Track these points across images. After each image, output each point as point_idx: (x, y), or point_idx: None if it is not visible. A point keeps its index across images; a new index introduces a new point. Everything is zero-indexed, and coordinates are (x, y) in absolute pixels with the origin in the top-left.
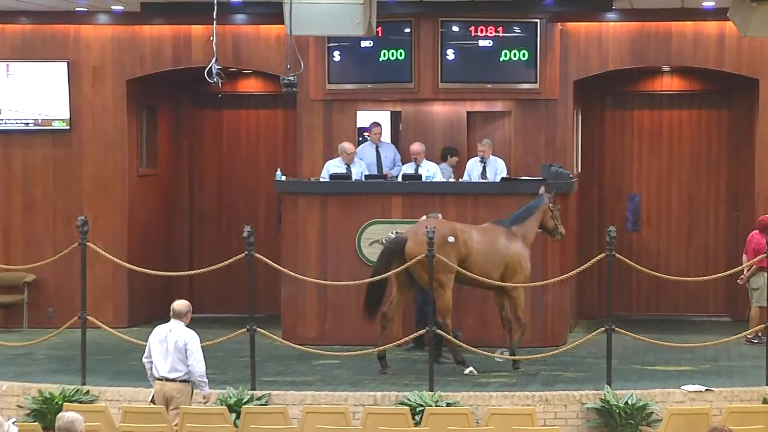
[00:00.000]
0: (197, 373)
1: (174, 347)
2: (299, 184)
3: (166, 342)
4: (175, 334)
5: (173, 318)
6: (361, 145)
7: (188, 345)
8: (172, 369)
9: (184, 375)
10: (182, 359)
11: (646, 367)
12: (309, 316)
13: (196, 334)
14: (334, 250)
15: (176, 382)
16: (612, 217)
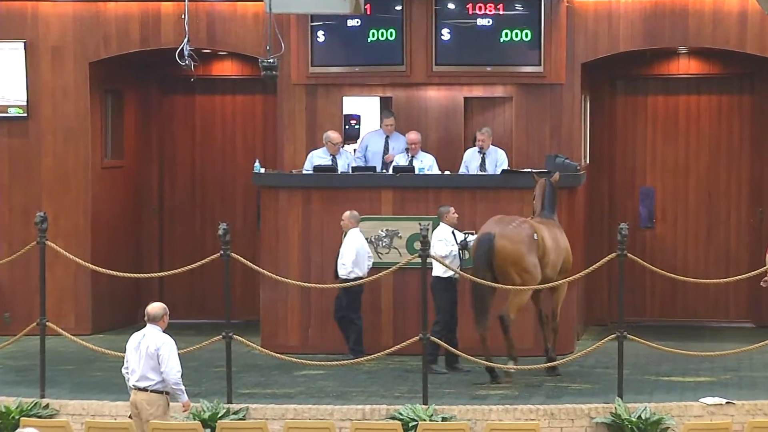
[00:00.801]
0: (171, 380)
1: (146, 353)
2: (280, 176)
3: (139, 348)
4: (148, 340)
5: (148, 323)
6: (368, 133)
7: (160, 350)
8: (143, 377)
9: (156, 384)
10: (155, 367)
11: (661, 378)
12: (291, 322)
13: (170, 339)
14: (318, 250)
15: (147, 392)
16: (623, 214)
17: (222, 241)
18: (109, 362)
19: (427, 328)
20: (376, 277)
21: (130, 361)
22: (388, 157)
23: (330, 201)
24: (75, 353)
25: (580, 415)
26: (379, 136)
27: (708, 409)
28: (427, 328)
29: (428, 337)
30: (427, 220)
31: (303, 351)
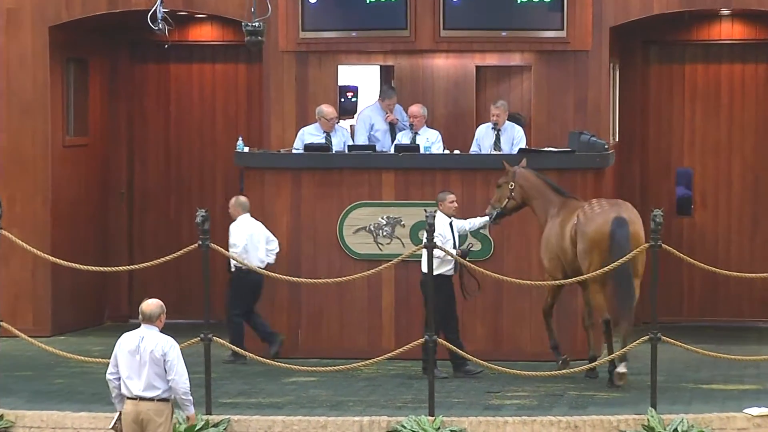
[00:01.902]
0: (181, 389)
1: (150, 359)
2: (266, 156)
3: (140, 353)
4: (150, 343)
5: (144, 323)
6: (368, 108)
7: (168, 355)
8: (149, 386)
9: (164, 392)
10: (160, 373)
11: (700, 386)
12: (278, 322)
13: (175, 342)
14: (309, 240)
15: (154, 401)
16: (657, 199)
17: (200, 229)
18: (72, 367)
19: (433, 328)
20: (375, 272)
21: (125, 367)
22: (389, 117)
23: (323, 184)
24: (33, 357)
25: (607, 427)
26: (383, 113)
27: (753, 421)
28: (432, 328)
29: (434, 339)
30: (433, 206)
31: (292, 355)
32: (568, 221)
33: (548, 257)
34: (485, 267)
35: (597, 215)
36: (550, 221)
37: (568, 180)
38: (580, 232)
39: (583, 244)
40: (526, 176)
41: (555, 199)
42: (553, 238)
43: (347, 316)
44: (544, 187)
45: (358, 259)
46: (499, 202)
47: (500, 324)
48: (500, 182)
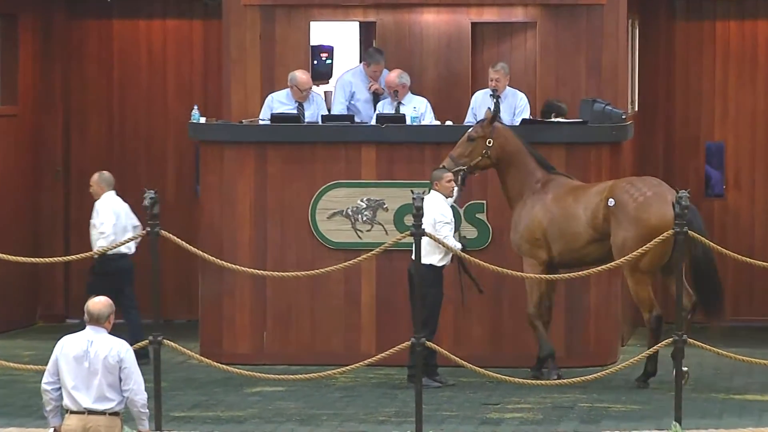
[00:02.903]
0: (139, 401)
1: (103, 366)
2: (225, 128)
3: (88, 358)
4: (103, 348)
5: (90, 324)
6: (348, 73)
7: (124, 362)
8: (101, 398)
9: (117, 405)
10: (114, 383)
11: (732, 396)
12: (240, 322)
13: (130, 346)
14: (276, 226)
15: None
16: (684, 178)
17: (148, 214)
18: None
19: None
20: (354, 263)
21: (70, 376)
22: (373, 86)
23: (293, 161)
24: None
25: None
26: (367, 80)
27: None
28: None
29: (422, 342)
30: (421, 187)
31: (256, 361)
32: (584, 202)
33: (529, 239)
34: (482, 258)
35: (654, 198)
36: (531, 197)
37: (579, 156)
38: (630, 217)
39: (638, 230)
40: (507, 136)
41: (538, 173)
42: (544, 219)
43: (320, 315)
44: (527, 155)
45: (333, 249)
46: (468, 158)
47: (500, 324)
48: (473, 134)
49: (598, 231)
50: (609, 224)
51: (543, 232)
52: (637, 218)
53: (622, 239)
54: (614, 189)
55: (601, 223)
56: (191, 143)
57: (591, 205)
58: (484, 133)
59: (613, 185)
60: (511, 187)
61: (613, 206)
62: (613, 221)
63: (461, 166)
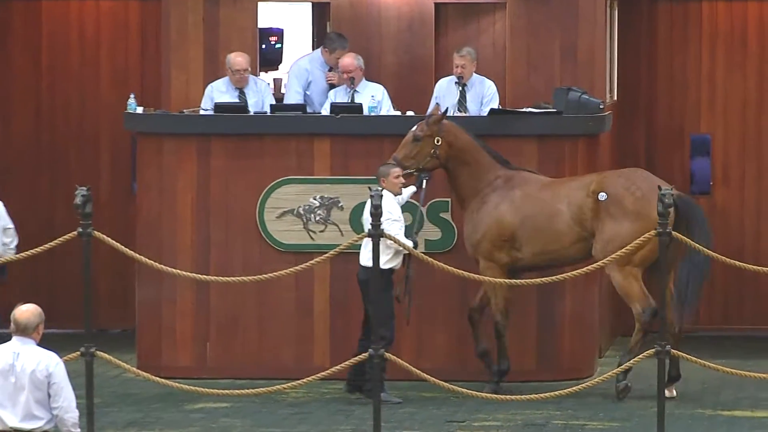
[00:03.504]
0: (70, 419)
1: (30, 381)
2: (165, 119)
3: (15, 373)
4: (30, 361)
5: (17, 335)
6: (303, 59)
7: (54, 377)
8: (28, 416)
9: (47, 423)
10: (42, 400)
11: (720, 412)
12: (181, 332)
13: (60, 359)
14: (221, 226)
15: None
16: (667, 173)
17: (80, 213)
18: None
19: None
20: (306, 267)
21: None
22: (331, 77)
23: (238, 155)
24: None
25: None
26: (326, 67)
27: None
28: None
29: (381, 354)
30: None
31: (199, 375)
32: (565, 197)
33: (494, 240)
34: (447, 261)
35: (653, 193)
36: (491, 195)
37: (553, 149)
38: (629, 212)
39: (638, 225)
40: (456, 133)
41: (495, 169)
42: (514, 218)
43: (269, 324)
44: (480, 150)
45: (283, 251)
46: (415, 160)
47: (467, 334)
48: (419, 134)
49: (585, 228)
50: (597, 221)
51: (512, 232)
52: (637, 213)
53: (612, 234)
54: (604, 183)
55: (589, 219)
56: (127, 135)
57: (576, 200)
58: (431, 131)
59: (602, 179)
60: (464, 185)
61: (605, 200)
62: (604, 217)
63: (408, 169)
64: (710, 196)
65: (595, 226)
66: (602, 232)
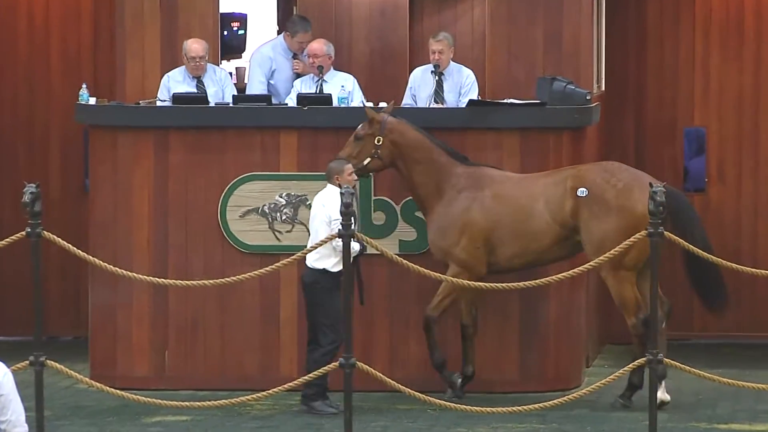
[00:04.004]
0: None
1: None
2: (119, 110)
3: None
4: None
5: None
6: (266, 46)
7: (1, 387)
8: None
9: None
10: None
11: (716, 426)
12: (137, 340)
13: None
14: (180, 226)
15: None
16: (658, 169)
17: (29, 211)
18: None
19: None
20: (271, 269)
21: None
22: (296, 65)
23: (199, 149)
24: None
25: None
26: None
27: None
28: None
29: (353, 364)
30: None
31: (157, 386)
32: (542, 195)
33: (469, 245)
34: (422, 264)
35: (635, 184)
36: (456, 196)
37: (536, 143)
38: (611, 206)
39: (622, 221)
40: (402, 131)
41: (455, 166)
42: (486, 221)
43: (232, 331)
44: (434, 148)
45: (247, 253)
46: (357, 159)
47: (444, 341)
48: (360, 133)
49: (565, 227)
50: (577, 218)
51: (485, 236)
52: (621, 207)
53: (602, 233)
54: (581, 176)
55: (569, 217)
56: (79, 128)
57: (553, 197)
58: (372, 130)
59: (578, 172)
60: (421, 185)
61: (585, 196)
62: (586, 214)
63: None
64: (705, 193)
65: (575, 225)
66: (589, 232)
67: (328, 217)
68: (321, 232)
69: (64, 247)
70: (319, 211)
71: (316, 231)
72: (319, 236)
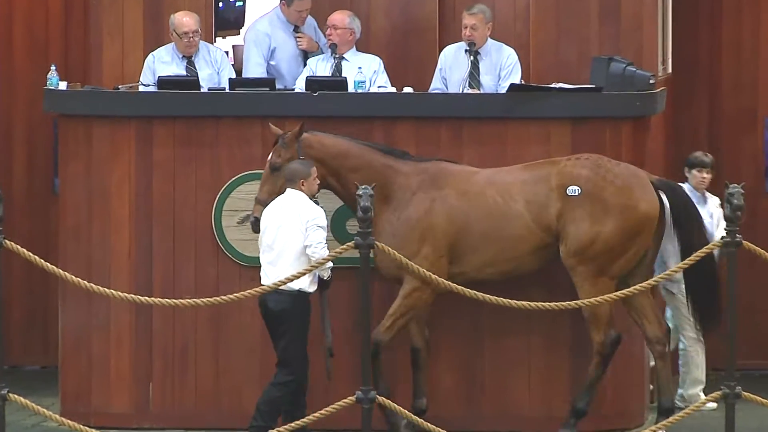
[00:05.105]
0: None
1: None
2: (95, 97)
3: None
4: None
5: None
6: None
7: None
8: None
9: None
10: None
11: None
12: (116, 369)
13: None
14: (166, 233)
15: None
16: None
17: None
18: None
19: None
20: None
21: None
22: (300, 41)
23: (189, 142)
24: None
25: None
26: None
27: None
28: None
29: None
30: None
31: (139, 423)
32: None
33: (432, 254)
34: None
35: (633, 179)
36: (410, 199)
37: (590, 134)
38: (610, 205)
39: (621, 222)
40: (323, 143)
41: (400, 166)
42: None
43: (229, 358)
44: (366, 149)
45: (246, 266)
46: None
47: (477, 373)
48: (276, 162)
49: (550, 233)
50: (564, 221)
51: (451, 242)
52: (622, 206)
53: (591, 236)
54: (568, 173)
55: (554, 220)
56: (47, 118)
57: (535, 197)
58: (288, 154)
59: (563, 168)
60: None
61: (577, 195)
62: (576, 215)
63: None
64: None
65: (561, 230)
66: (575, 233)
67: (303, 223)
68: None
69: (29, 258)
70: (289, 219)
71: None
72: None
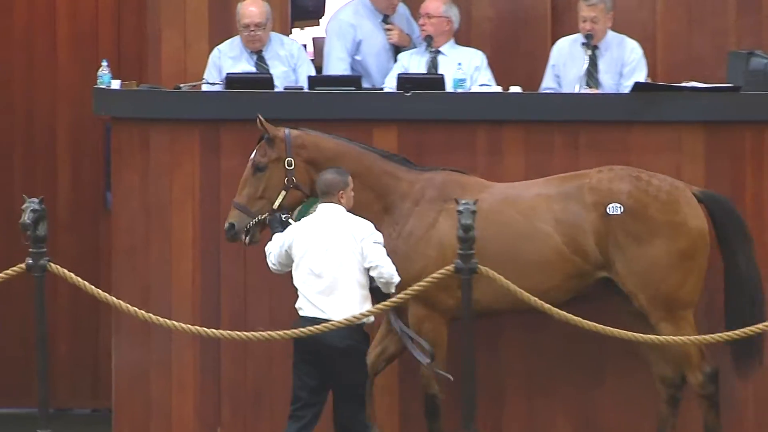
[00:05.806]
0: None
1: None
2: (153, 98)
3: None
4: None
5: None
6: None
7: None
8: None
9: None
10: None
11: None
12: (178, 412)
13: None
14: (236, 255)
15: None
16: None
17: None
18: None
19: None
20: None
21: None
22: (390, 33)
23: None
24: None
25: None
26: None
27: None
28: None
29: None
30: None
31: None
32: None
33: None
34: None
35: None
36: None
37: (727, 140)
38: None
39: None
40: (317, 142)
41: (400, 173)
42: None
43: None
44: (364, 153)
45: None
46: (265, 200)
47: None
48: (261, 161)
49: (588, 259)
50: (607, 246)
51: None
52: (672, 223)
53: (649, 262)
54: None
55: (594, 245)
56: (97, 122)
57: (569, 217)
58: (276, 153)
59: (597, 183)
60: (365, 204)
61: (620, 214)
62: (622, 239)
63: (258, 215)
64: None
65: (606, 254)
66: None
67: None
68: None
69: (77, 284)
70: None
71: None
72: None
